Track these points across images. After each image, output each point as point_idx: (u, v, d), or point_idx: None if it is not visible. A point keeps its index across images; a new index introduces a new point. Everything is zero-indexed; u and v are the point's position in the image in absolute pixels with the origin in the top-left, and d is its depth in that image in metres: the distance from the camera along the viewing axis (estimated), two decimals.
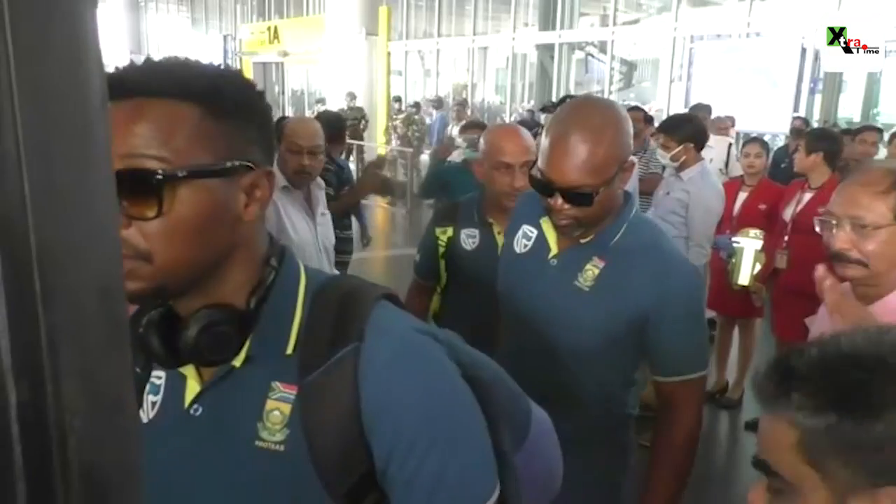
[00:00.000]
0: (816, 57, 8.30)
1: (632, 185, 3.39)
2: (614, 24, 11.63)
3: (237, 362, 0.72)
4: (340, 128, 4.16)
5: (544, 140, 1.33)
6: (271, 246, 0.77)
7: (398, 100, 12.96)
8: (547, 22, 13.00)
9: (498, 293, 1.58)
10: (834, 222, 1.35)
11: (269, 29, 18.87)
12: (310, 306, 0.74)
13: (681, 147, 3.40)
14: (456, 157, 4.12)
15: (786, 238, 3.50)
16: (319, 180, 2.75)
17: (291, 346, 0.72)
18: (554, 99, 8.72)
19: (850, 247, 1.32)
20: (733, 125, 7.61)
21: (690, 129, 3.47)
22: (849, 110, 9.14)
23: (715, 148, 5.19)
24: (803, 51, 8.16)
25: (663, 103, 10.63)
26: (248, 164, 0.69)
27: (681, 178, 3.44)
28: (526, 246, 1.51)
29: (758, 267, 3.31)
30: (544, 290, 1.44)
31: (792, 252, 3.42)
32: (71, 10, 0.27)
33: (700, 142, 3.51)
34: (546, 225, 1.46)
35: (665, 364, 1.41)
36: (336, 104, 12.66)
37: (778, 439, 0.69)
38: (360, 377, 0.69)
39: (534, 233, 1.50)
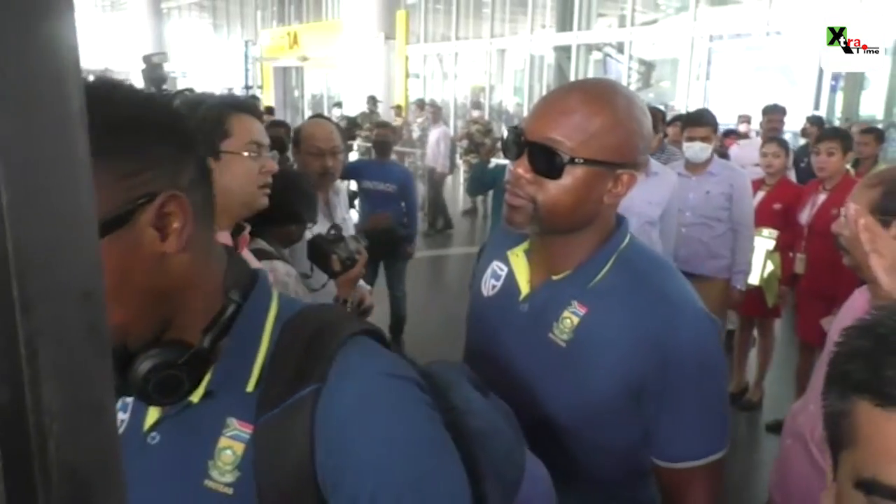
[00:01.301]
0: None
1: (664, 200, 3.17)
2: (632, 24, 11.57)
3: (195, 398, 0.67)
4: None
5: None
6: (236, 273, 0.71)
7: (422, 103, 12.91)
8: (564, 23, 12.96)
9: (465, 347, 1.29)
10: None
11: (288, 34, 19.05)
12: (277, 340, 0.68)
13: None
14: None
15: (803, 243, 3.46)
16: (338, 184, 2.76)
17: (253, 383, 0.67)
18: None
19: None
20: (749, 123, 7.54)
21: None
22: (871, 108, 8.99)
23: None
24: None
25: (682, 103, 10.53)
26: (145, 197, 0.61)
27: (712, 174, 3.51)
28: (494, 287, 1.20)
29: (770, 267, 3.28)
30: (512, 346, 1.13)
31: (809, 255, 3.38)
32: (48, 17, 0.28)
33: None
34: (515, 259, 1.17)
35: (669, 446, 1.07)
36: (354, 107, 12.72)
37: None
38: (316, 423, 0.63)
39: (503, 270, 1.20)
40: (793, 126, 8.24)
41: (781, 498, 1.51)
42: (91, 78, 0.64)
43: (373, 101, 12.49)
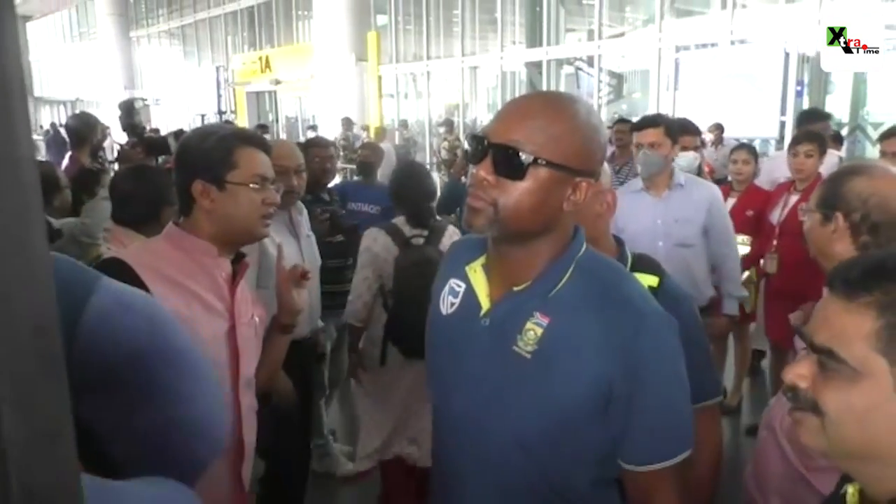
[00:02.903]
0: (800, 60, 8.37)
1: (697, 217, 2.95)
2: (600, 37, 11.75)
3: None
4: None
5: None
6: None
7: (405, 124, 13.02)
8: (534, 39, 13.12)
9: (426, 366, 1.29)
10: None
11: (260, 58, 19.05)
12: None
13: None
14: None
15: (774, 242, 3.52)
16: (299, 204, 2.79)
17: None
18: None
19: None
20: (722, 131, 7.66)
21: None
22: (837, 111, 9.19)
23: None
24: (786, 55, 8.23)
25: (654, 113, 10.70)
26: None
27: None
28: (453, 304, 1.20)
29: (745, 274, 3.32)
30: (476, 362, 1.12)
31: (781, 255, 3.44)
32: None
33: None
34: (473, 274, 1.17)
35: (637, 449, 1.09)
36: (329, 130, 12.75)
37: (850, 326, 0.73)
38: None
39: (461, 287, 1.19)
40: (762, 132, 8.41)
41: (755, 487, 1.56)
42: (66, 108, 0.65)
43: (348, 122, 12.54)
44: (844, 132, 8.44)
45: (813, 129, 3.93)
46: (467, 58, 14.21)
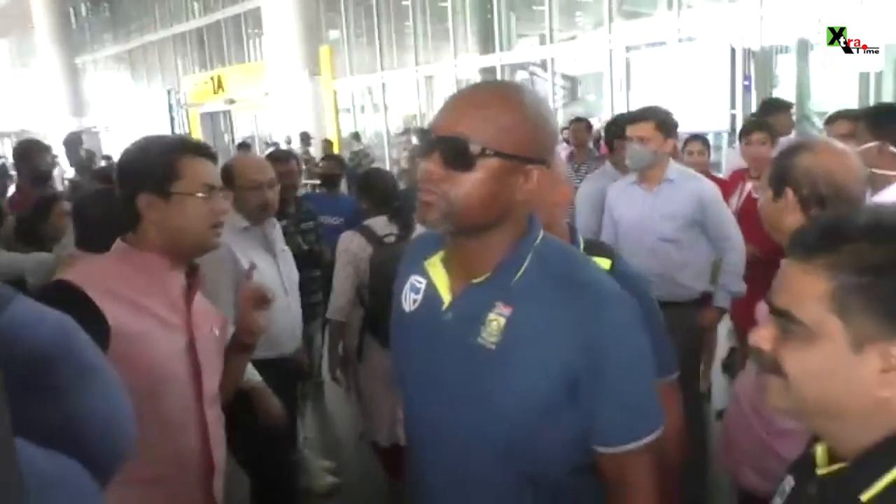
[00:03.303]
0: (746, 55, 8.59)
1: (684, 213, 2.91)
2: (552, 41, 11.91)
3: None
4: None
5: None
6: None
7: (357, 136, 12.91)
8: (487, 46, 13.23)
9: (392, 363, 1.29)
10: None
11: (212, 79, 18.87)
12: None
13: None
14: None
15: None
16: (273, 218, 2.73)
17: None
18: None
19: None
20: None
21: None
22: None
23: None
24: (733, 51, 8.44)
25: (608, 114, 10.85)
26: None
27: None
28: (415, 301, 1.19)
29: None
30: (441, 357, 1.12)
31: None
32: None
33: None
34: (433, 269, 1.16)
35: (611, 431, 1.09)
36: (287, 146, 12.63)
37: (806, 288, 0.76)
38: None
39: (422, 283, 1.18)
40: (714, 126, 8.59)
41: (724, 457, 1.61)
42: (10, 139, 0.67)
43: (306, 137, 12.46)
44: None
45: (776, 118, 4.04)
46: (421, 67, 14.26)
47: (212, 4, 19.49)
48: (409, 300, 1.20)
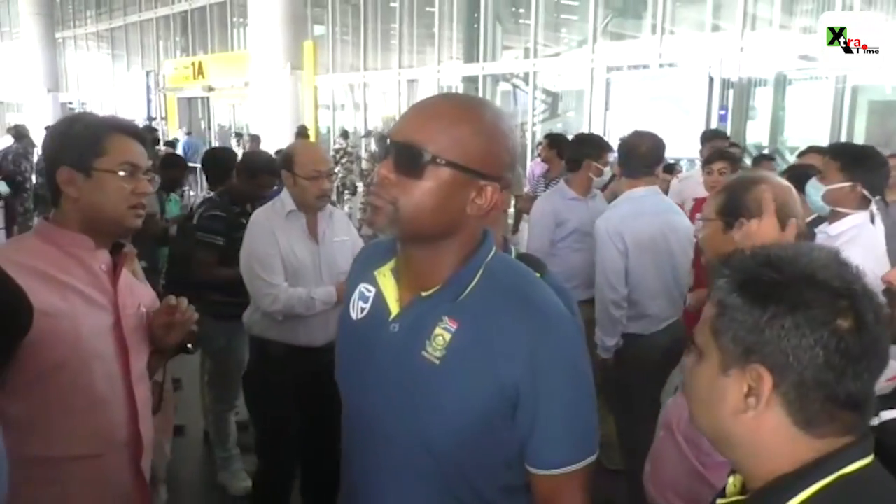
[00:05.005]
0: (724, 85, 8.72)
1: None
2: (535, 56, 11.96)
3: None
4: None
5: None
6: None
7: (345, 134, 12.63)
8: (471, 55, 13.26)
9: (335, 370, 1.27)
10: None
11: (193, 64, 18.62)
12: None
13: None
14: None
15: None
16: (330, 206, 2.74)
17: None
18: None
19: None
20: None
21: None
22: (757, 136, 9.61)
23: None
24: (710, 80, 8.56)
25: (586, 131, 10.94)
26: None
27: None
28: (363, 309, 1.18)
29: None
30: (385, 368, 1.10)
31: (698, 264, 3.53)
32: None
33: None
34: (382, 278, 1.15)
35: (546, 452, 1.08)
36: (266, 139, 12.42)
37: (704, 315, 0.83)
38: None
39: (371, 291, 1.17)
40: (686, 153, 8.67)
41: (654, 488, 1.59)
42: None
43: (303, 132, 12.14)
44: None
45: (719, 145, 4.19)
46: (405, 70, 14.23)
47: None
48: (357, 308, 1.19)
